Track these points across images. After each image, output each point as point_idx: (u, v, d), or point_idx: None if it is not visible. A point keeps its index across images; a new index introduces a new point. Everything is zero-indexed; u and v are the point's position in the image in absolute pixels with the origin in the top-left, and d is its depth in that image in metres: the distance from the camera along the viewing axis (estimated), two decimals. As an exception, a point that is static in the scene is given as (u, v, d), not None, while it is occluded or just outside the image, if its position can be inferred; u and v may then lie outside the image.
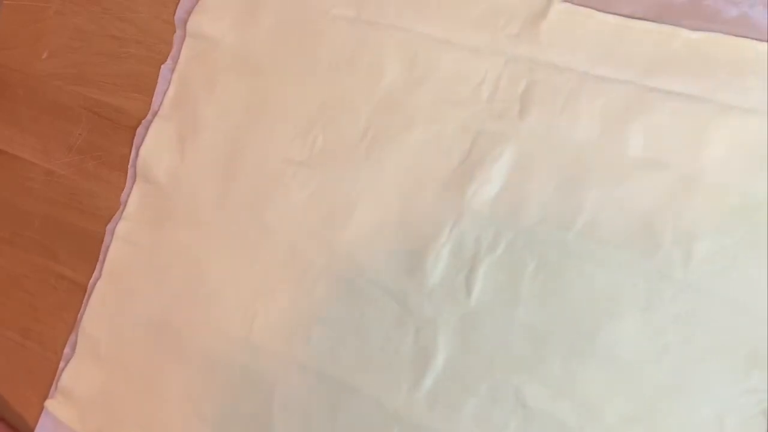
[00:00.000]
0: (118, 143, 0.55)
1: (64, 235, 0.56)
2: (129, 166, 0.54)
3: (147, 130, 0.53)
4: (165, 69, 0.53)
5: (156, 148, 0.53)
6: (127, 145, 0.54)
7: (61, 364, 0.54)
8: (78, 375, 0.53)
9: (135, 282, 0.52)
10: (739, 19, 0.39)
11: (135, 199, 0.53)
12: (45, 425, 0.53)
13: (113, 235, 0.53)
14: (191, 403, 0.49)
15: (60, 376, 0.54)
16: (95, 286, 0.53)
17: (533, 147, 0.42)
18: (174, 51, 0.53)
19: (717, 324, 0.38)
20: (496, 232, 0.43)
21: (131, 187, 0.53)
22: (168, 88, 0.53)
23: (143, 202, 0.53)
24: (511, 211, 0.42)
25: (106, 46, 0.56)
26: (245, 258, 0.49)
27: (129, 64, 0.55)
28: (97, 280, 0.53)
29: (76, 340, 0.53)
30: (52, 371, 0.55)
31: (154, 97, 0.53)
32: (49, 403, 0.53)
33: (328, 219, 0.47)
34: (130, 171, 0.54)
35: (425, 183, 0.45)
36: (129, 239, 0.53)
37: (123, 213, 0.53)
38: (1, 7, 0.60)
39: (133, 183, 0.53)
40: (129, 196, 0.53)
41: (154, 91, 0.53)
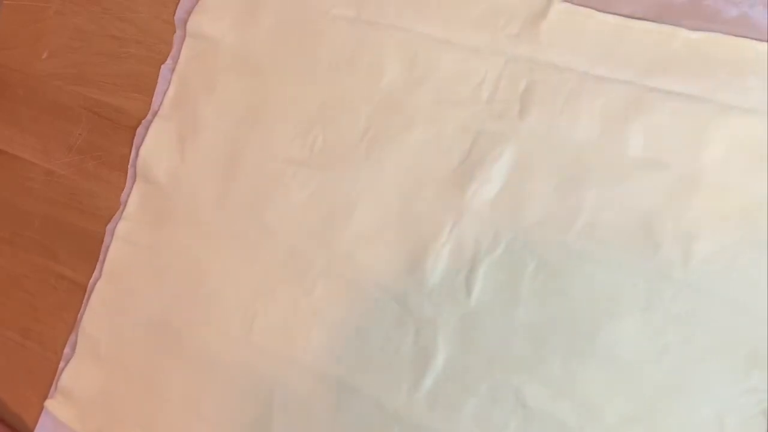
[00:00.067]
0: (118, 143, 0.55)
1: (64, 235, 0.56)
2: (129, 166, 0.54)
3: (147, 130, 0.53)
4: (165, 69, 0.53)
5: (156, 148, 0.53)
6: (127, 145, 0.54)
7: (61, 364, 0.54)
8: (78, 375, 0.53)
9: (135, 282, 0.52)
10: (739, 19, 0.39)
11: (135, 199, 0.53)
12: (45, 425, 0.53)
13: (113, 235, 0.53)
14: (191, 403, 0.49)
15: (60, 376, 0.54)
16: (95, 286, 0.53)
17: (533, 147, 0.42)
18: (174, 51, 0.53)
19: (717, 324, 0.38)
20: (496, 232, 0.42)
21: (131, 187, 0.53)
22: (168, 88, 0.53)
23: (143, 202, 0.53)
24: (511, 211, 0.42)
25: (106, 46, 0.56)
26: (245, 258, 0.49)
27: (129, 64, 0.55)
28: (97, 280, 0.53)
29: (76, 340, 0.54)
30: (52, 371, 0.55)
31: (154, 97, 0.53)
32: (49, 403, 0.53)
33: (328, 219, 0.47)
34: (130, 171, 0.54)
35: (425, 183, 0.45)
36: (129, 239, 0.53)
37: (123, 213, 0.53)
38: (1, 7, 0.60)
39: (133, 183, 0.53)
40: (129, 196, 0.53)
41: (154, 91, 0.53)
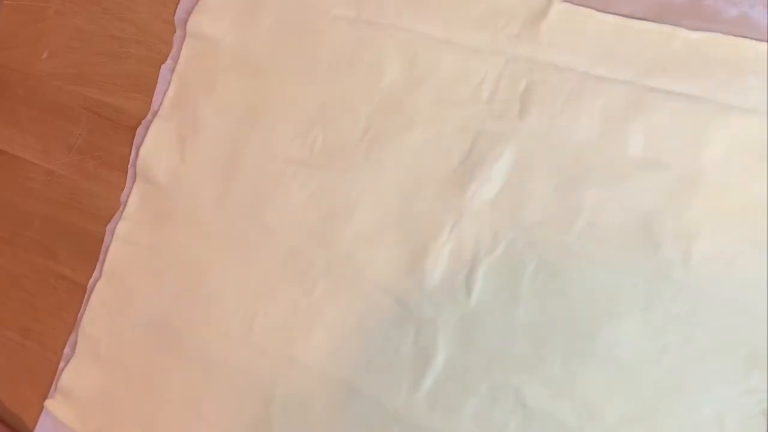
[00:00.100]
0: (118, 143, 0.55)
1: (64, 235, 0.56)
2: (129, 166, 0.54)
3: (147, 130, 0.53)
4: (165, 69, 0.53)
5: (156, 148, 0.53)
6: (127, 145, 0.54)
7: (61, 364, 0.54)
8: (78, 375, 0.53)
9: (135, 282, 0.52)
10: (739, 19, 0.39)
11: (135, 199, 0.53)
12: (45, 425, 0.53)
13: (113, 235, 0.53)
14: (191, 403, 0.49)
15: (60, 376, 0.54)
16: (95, 286, 0.53)
17: (533, 147, 0.42)
18: (174, 51, 0.53)
19: (717, 324, 0.38)
20: (496, 232, 0.42)
21: (131, 187, 0.53)
22: (168, 88, 0.53)
23: (143, 202, 0.53)
24: (511, 211, 0.42)
25: (106, 46, 0.56)
26: (245, 258, 0.49)
27: (129, 64, 0.55)
28: (97, 280, 0.53)
29: (76, 340, 0.54)
30: (52, 371, 0.55)
31: (154, 97, 0.53)
32: (49, 403, 0.53)
33: (328, 219, 0.47)
34: (130, 171, 0.54)
35: (425, 183, 0.45)
36: (129, 239, 0.53)
37: (123, 213, 0.53)
38: (1, 7, 0.60)
39: (133, 183, 0.53)
40: (129, 196, 0.53)
41: (154, 91, 0.53)
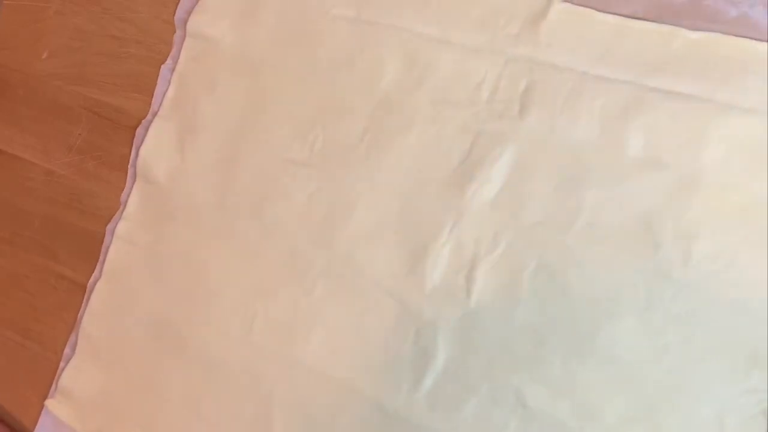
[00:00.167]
0: (118, 143, 0.55)
1: (64, 235, 0.56)
2: (129, 166, 0.54)
3: (147, 130, 0.53)
4: (165, 69, 0.53)
5: (156, 148, 0.53)
6: (127, 145, 0.54)
7: (61, 364, 0.54)
8: (78, 375, 0.53)
9: (135, 282, 0.52)
10: (739, 19, 0.39)
11: (135, 199, 0.53)
12: (45, 425, 0.54)
13: (113, 235, 0.53)
14: (191, 403, 0.49)
15: (60, 375, 0.54)
16: (95, 286, 0.53)
17: (533, 147, 0.42)
18: (174, 51, 0.53)
19: (717, 324, 0.38)
20: (496, 232, 0.42)
21: (131, 187, 0.53)
22: (168, 88, 0.53)
23: (143, 202, 0.53)
24: (511, 211, 0.42)
25: (106, 46, 0.56)
26: (245, 258, 0.49)
27: (129, 64, 0.55)
28: (97, 280, 0.53)
29: (76, 340, 0.54)
30: (52, 371, 0.55)
31: (154, 97, 0.53)
32: (50, 403, 0.53)
33: (328, 219, 0.47)
34: (130, 171, 0.54)
35: (425, 183, 0.45)
36: (129, 239, 0.53)
37: (123, 213, 0.53)
38: (1, 7, 0.60)
39: (133, 183, 0.53)
40: (129, 196, 0.53)
41: (154, 91, 0.53)
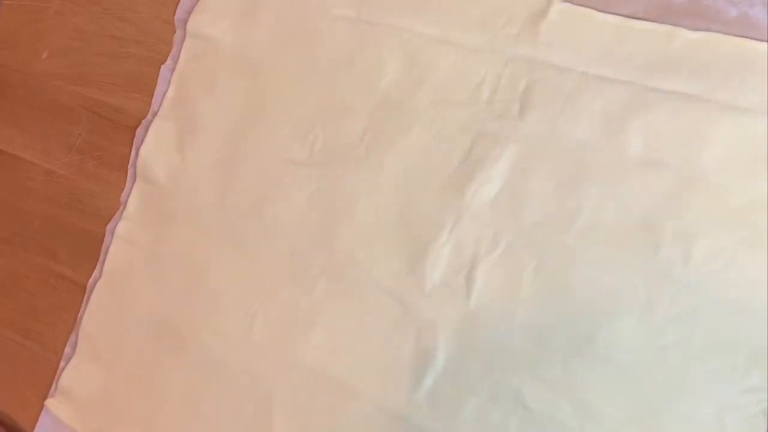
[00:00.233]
0: (118, 143, 0.55)
1: (64, 235, 0.56)
2: (129, 166, 0.54)
3: (147, 130, 0.53)
4: (165, 69, 0.53)
5: (156, 148, 0.53)
6: (127, 145, 0.54)
7: (62, 363, 0.54)
8: (78, 374, 0.53)
9: (135, 282, 0.52)
10: (739, 19, 0.39)
11: (135, 199, 0.53)
12: (45, 424, 0.54)
13: (113, 235, 0.53)
14: (191, 403, 0.49)
15: (60, 375, 0.54)
16: (95, 286, 0.53)
17: (533, 147, 0.42)
18: (174, 51, 0.53)
19: (717, 324, 0.38)
20: (495, 232, 0.42)
21: (131, 187, 0.53)
22: (168, 88, 0.53)
23: (143, 202, 0.53)
24: (511, 211, 0.42)
25: (106, 46, 0.56)
26: (245, 258, 0.49)
27: (129, 64, 0.55)
28: (97, 280, 0.53)
29: (76, 340, 0.54)
30: (52, 371, 0.55)
31: (153, 97, 0.53)
32: (50, 402, 0.53)
33: (328, 219, 0.47)
34: (130, 171, 0.54)
35: (425, 183, 0.45)
36: (129, 239, 0.53)
37: (123, 213, 0.53)
38: (1, 7, 0.60)
39: (133, 183, 0.53)
40: (129, 196, 0.53)
41: (154, 91, 0.53)
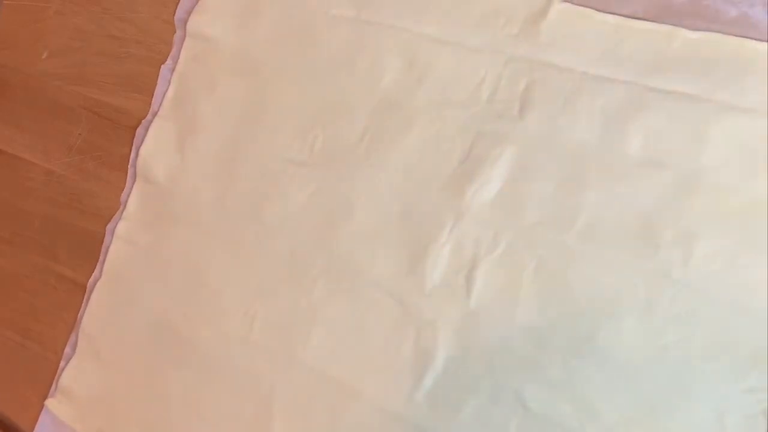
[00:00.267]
0: (118, 143, 0.55)
1: (64, 235, 0.56)
2: (129, 166, 0.54)
3: (147, 130, 0.53)
4: (165, 69, 0.53)
5: (156, 148, 0.53)
6: (127, 145, 0.54)
7: (62, 363, 0.54)
8: (78, 374, 0.53)
9: (135, 282, 0.52)
10: (739, 19, 0.39)
11: (135, 199, 0.53)
12: (45, 424, 0.54)
13: (113, 235, 0.53)
14: (191, 403, 0.49)
15: (60, 375, 0.54)
16: (95, 286, 0.53)
17: (533, 147, 0.42)
18: (174, 51, 0.53)
19: (717, 324, 0.38)
20: (495, 232, 0.42)
21: (131, 187, 0.53)
22: (168, 88, 0.53)
23: (143, 202, 0.53)
24: (511, 212, 0.42)
25: (106, 46, 0.56)
26: (245, 258, 0.49)
27: (129, 64, 0.55)
28: (97, 280, 0.53)
29: (76, 340, 0.54)
30: (52, 371, 0.55)
31: (153, 98, 0.53)
32: (50, 402, 0.53)
33: (328, 219, 0.47)
34: (130, 171, 0.54)
35: (425, 183, 0.44)
36: (129, 239, 0.53)
37: (123, 213, 0.53)
38: (1, 7, 0.60)
39: (133, 183, 0.53)
40: (129, 196, 0.53)
41: (154, 91, 0.53)
